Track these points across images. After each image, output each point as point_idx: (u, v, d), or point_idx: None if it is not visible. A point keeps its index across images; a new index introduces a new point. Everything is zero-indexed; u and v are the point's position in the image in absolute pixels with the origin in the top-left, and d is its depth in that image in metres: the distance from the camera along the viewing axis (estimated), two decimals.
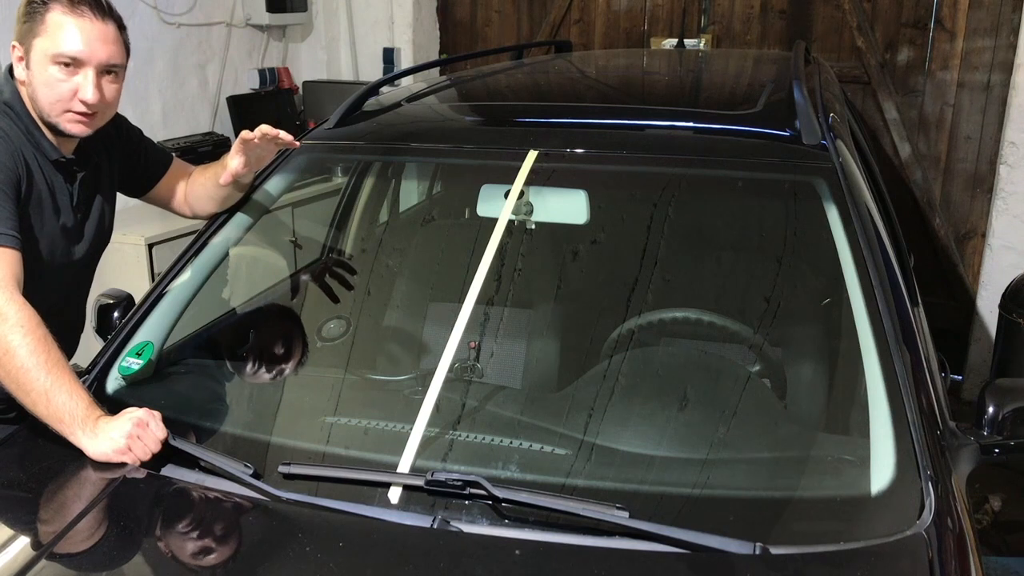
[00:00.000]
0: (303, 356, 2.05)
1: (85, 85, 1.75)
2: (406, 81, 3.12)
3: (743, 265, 2.18)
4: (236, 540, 1.41)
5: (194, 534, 1.41)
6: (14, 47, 1.79)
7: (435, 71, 4.63)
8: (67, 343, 1.92)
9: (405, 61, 5.09)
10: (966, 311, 4.27)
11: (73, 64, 1.74)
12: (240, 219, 2.09)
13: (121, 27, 1.82)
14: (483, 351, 1.94)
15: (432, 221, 2.76)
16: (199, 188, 2.07)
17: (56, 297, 1.89)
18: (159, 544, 1.41)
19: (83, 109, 1.77)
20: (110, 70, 1.80)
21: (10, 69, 1.86)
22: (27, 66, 1.77)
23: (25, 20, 1.75)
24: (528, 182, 1.87)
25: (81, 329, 2.08)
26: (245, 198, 2.09)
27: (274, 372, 1.98)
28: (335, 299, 2.25)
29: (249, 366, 1.99)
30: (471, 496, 1.39)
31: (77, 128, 1.80)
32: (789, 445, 1.66)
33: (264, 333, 2.13)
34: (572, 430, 1.64)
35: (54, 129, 1.82)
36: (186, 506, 1.48)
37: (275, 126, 1.98)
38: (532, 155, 1.89)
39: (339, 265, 2.47)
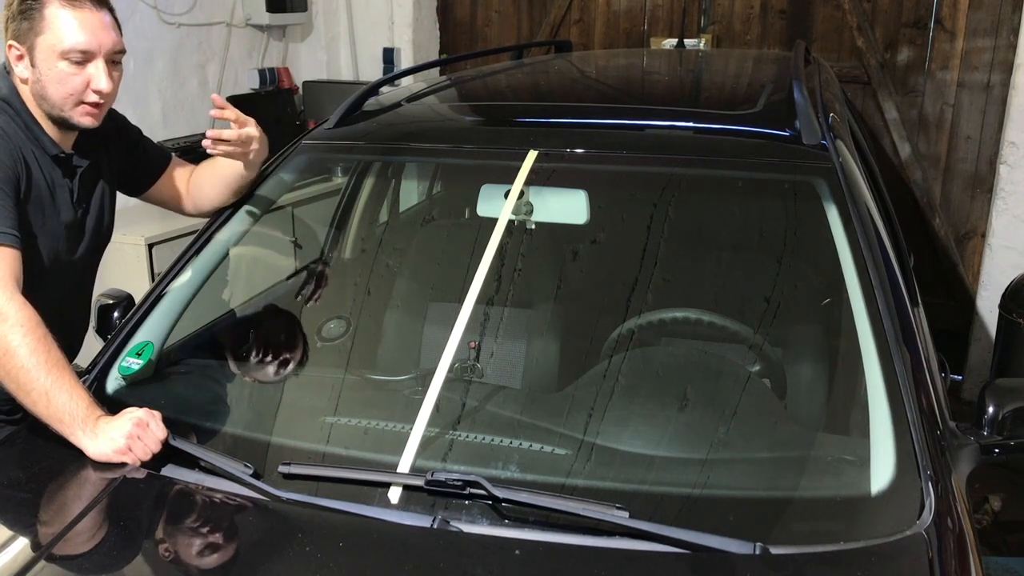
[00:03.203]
0: (303, 356, 2.05)
1: (98, 76, 1.77)
2: (406, 81, 3.12)
3: (743, 265, 2.18)
4: (236, 540, 1.41)
5: (194, 534, 1.41)
6: (11, 46, 1.78)
7: (435, 71, 4.63)
8: (71, 343, 1.92)
9: (405, 61, 5.09)
10: (966, 311, 4.27)
11: (83, 57, 1.75)
12: (240, 219, 2.09)
13: (111, 10, 1.83)
14: (483, 351, 1.93)
15: (432, 221, 2.77)
16: (204, 182, 2.07)
17: (59, 296, 1.89)
18: (159, 544, 1.40)
19: (96, 99, 1.79)
20: (115, 58, 1.81)
21: (6, 67, 1.86)
22: (31, 64, 1.77)
23: (22, 18, 1.74)
24: (528, 182, 1.87)
25: (85, 329, 2.08)
26: (245, 198, 2.09)
27: (274, 372, 1.98)
28: (335, 299, 2.25)
29: (249, 366, 1.99)
30: (471, 496, 1.39)
31: (88, 120, 1.81)
32: (789, 445, 1.66)
33: (264, 333, 2.13)
34: (572, 430, 1.64)
35: (62, 123, 1.82)
36: (186, 506, 1.48)
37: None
38: (532, 155, 1.89)
39: (339, 265, 2.46)
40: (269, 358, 2.01)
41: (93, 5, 1.76)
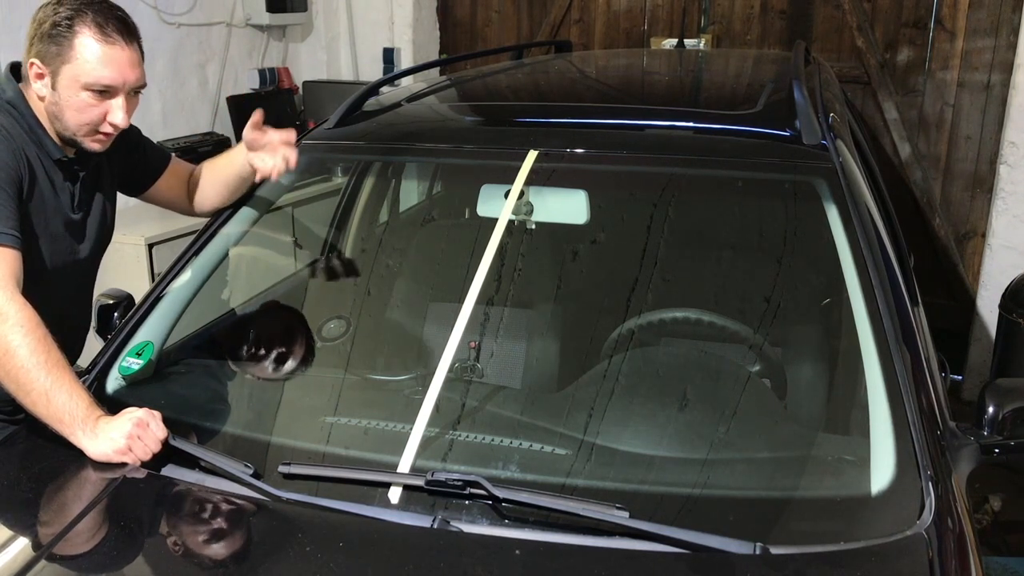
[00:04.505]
0: (303, 356, 2.05)
1: (117, 111, 1.77)
2: (406, 81, 3.12)
3: (743, 265, 2.18)
4: (236, 540, 1.41)
5: (194, 534, 1.41)
6: (33, 64, 1.76)
7: (435, 71, 4.63)
8: (72, 344, 1.92)
9: (405, 61, 5.09)
10: (966, 311, 4.27)
11: (106, 91, 1.75)
12: (240, 219, 2.09)
13: (140, 43, 1.81)
14: (483, 351, 1.93)
15: (432, 221, 2.77)
16: (204, 183, 2.07)
17: (60, 297, 1.89)
18: (159, 544, 1.41)
19: (110, 130, 1.80)
20: (136, 91, 1.81)
21: (11, 68, 1.85)
22: (52, 87, 1.76)
23: (50, 41, 1.72)
24: (528, 182, 1.87)
25: (87, 330, 2.08)
26: (245, 198, 2.09)
27: (274, 372, 1.98)
28: (335, 299, 2.25)
29: (249, 366, 1.99)
30: (471, 496, 1.39)
31: (96, 146, 1.82)
32: (789, 445, 1.66)
33: (264, 333, 2.13)
34: (572, 430, 1.64)
35: (71, 143, 1.82)
36: (186, 506, 1.48)
37: (275, 126, 1.99)
38: (532, 155, 1.89)
39: (339, 265, 2.46)
40: (269, 358, 2.01)
41: (124, 40, 1.75)
